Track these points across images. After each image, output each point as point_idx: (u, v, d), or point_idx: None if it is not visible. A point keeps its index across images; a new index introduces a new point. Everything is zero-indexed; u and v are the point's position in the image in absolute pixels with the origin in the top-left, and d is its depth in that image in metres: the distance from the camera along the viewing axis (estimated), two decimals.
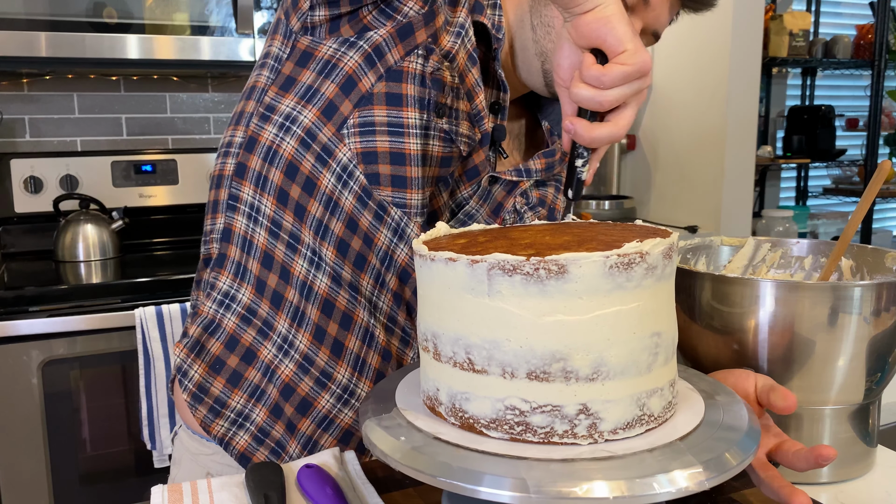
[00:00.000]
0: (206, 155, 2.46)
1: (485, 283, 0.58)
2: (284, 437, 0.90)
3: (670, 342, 0.63)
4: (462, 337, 0.60)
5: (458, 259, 0.59)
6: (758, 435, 0.63)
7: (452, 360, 0.62)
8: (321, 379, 0.87)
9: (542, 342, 0.58)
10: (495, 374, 0.59)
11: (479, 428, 0.61)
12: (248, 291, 0.87)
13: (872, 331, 0.79)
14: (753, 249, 1.01)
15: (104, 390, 1.87)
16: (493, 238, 0.68)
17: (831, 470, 0.84)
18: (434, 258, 0.61)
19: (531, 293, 0.57)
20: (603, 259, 0.57)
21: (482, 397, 0.60)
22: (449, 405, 0.63)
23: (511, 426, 0.60)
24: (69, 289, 1.85)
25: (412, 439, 0.61)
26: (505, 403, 0.59)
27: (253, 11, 2.09)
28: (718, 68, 2.54)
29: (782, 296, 0.78)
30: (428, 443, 0.60)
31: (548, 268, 0.57)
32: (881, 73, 3.16)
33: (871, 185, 0.85)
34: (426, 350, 0.65)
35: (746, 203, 2.69)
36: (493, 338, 0.59)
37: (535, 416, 0.59)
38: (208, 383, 0.90)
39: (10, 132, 2.32)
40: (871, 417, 0.86)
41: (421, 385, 0.68)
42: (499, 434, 0.60)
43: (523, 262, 0.56)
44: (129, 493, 1.91)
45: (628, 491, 0.54)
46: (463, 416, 0.62)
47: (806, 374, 0.80)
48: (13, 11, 1.89)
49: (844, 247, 0.89)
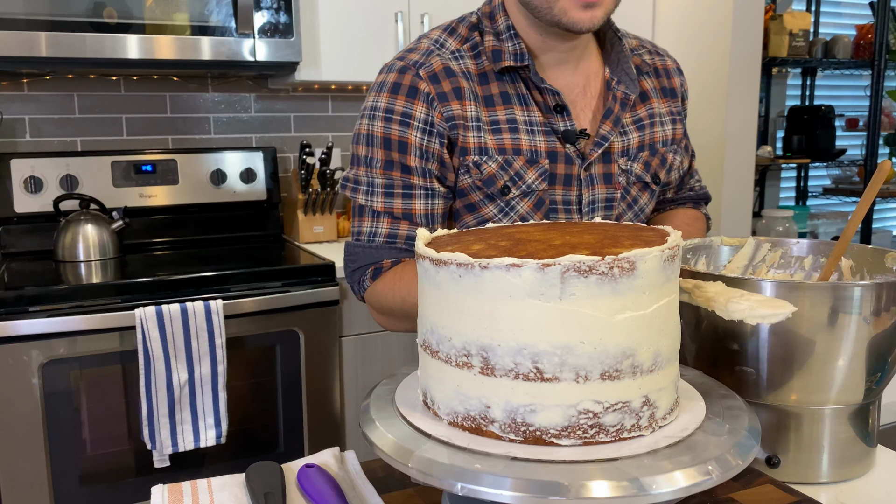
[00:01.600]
0: (206, 155, 2.46)
1: (557, 287, 0.56)
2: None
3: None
4: (527, 346, 0.58)
5: (523, 264, 0.56)
6: (758, 435, 0.64)
7: (513, 373, 0.59)
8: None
9: (614, 341, 0.58)
10: (567, 379, 0.58)
11: (549, 439, 0.59)
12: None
13: (872, 331, 0.79)
14: (753, 249, 1.01)
15: (104, 390, 1.87)
16: (489, 241, 0.68)
17: (831, 470, 0.84)
18: (487, 265, 0.57)
19: (604, 292, 0.57)
20: (660, 253, 0.59)
21: (551, 406, 0.59)
22: (506, 421, 0.60)
23: (584, 430, 0.59)
24: (69, 289, 1.85)
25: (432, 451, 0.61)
26: (578, 409, 0.59)
27: (253, 11, 2.09)
28: (718, 68, 2.54)
29: (782, 296, 0.78)
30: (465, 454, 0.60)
31: (620, 265, 0.57)
32: (881, 73, 3.16)
33: (871, 184, 0.85)
34: (464, 366, 0.61)
35: (746, 203, 2.69)
36: (566, 342, 0.58)
37: (608, 415, 0.59)
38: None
39: (10, 132, 2.32)
40: (871, 417, 0.86)
41: (447, 404, 0.63)
42: (571, 441, 0.59)
43: (598, 261, 0.56)
44: (129, 493, 1.91)
45: (628, 491, 0.54)
46: (528, 429, 0.59)
47: (806, 374, 0.80)
48: (13, 11, 1.89)
49: (844, 246, 0.89)
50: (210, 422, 1.90)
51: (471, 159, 1.03)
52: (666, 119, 1.16)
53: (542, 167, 1.04)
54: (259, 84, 2.59)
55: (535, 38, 1.05)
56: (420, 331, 0.67)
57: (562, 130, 1.04)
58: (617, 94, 1.08)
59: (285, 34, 2.16)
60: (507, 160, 1.03)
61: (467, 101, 1.02)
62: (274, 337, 2.02)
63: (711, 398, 0.70)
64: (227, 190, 2.48)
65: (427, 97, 1.02)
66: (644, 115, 1.13)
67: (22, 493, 1.80)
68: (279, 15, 2.15)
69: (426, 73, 1.02)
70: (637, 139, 1.11)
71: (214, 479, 0.81)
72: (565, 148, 1.05)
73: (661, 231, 0.69)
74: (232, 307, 1.93)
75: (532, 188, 1.04)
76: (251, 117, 2.60)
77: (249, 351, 2.01)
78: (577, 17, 0.96)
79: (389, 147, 1.03)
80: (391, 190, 1.04)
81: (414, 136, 1.02)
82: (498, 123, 1.03)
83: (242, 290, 1.97)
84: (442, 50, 1.05)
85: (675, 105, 1.18)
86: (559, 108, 1.05)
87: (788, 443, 0.84)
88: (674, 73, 1.20)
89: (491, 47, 1.04)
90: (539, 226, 0.76)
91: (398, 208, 1.05)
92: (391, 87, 1.04)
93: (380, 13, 2.32)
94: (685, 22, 2.61)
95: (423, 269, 0.64)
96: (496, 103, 1.04)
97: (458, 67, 1.03)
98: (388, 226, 1.05)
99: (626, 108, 1.09)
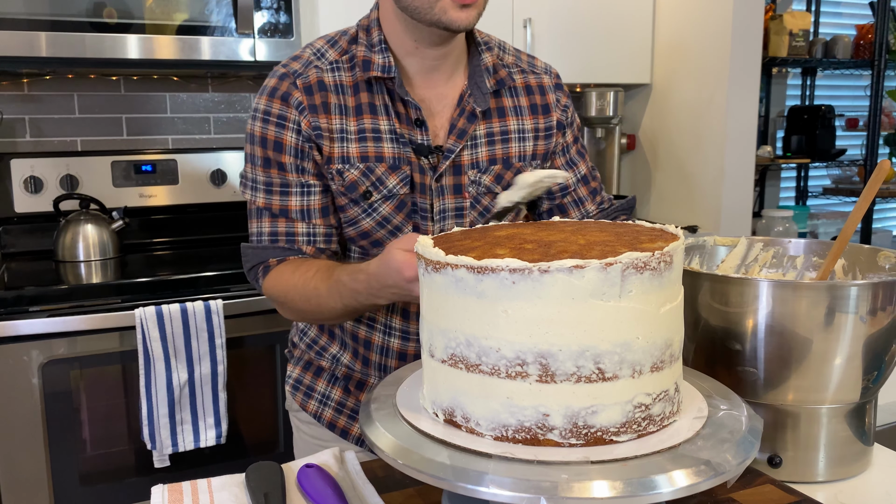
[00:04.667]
0: (206, 155, 2.46)
1: (618, 286, 0.56)
2: (357, 405, 1.23)
3: None
4: (589, 347, 0.57)
5: (586, 265, 0.56)
6: (758, 435, 0.64)
7: (576, 376, 0.58)
8: (362, 379, 1.22)
9: (660, 333, 0.60)
10: (625, 376, 0.58)
11: (609, 438, 0.59)
12: (314, 330, 1.25)
13: (869, 330, 0.79)
14: (746, 249, 1.02)
15: (104, 390, 1.88)
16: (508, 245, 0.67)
17: (829, 468, 0.84)
18: (547, 269, 0.56)
19: (654, 287, 0.58)
20: (682, 246, 0.62)
21: (611, 405, 0.59)
22: (567, 427, 0.59)
23: (638, 423, 0.60)
24: (69, 289, 1.85)
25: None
26: (633, 403, 0.59)
27: (253, 11, 2.09)
28: (718, 68, 2.54)
29: (779, 295, 0.79)
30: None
31: (665, 259, 0.59)
32: (881, 73, 3.16)
33: (870, 185, 0.85)
34: (518, 377, 0.59)
35: (746, 203, 2.69)
36: (625, 340, 0.58)
37: (656, 405, 0.61)
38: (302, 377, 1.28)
39: (10, 132, 2.32)
40: (867, 416, 0.86)
41: (492, 419, 0.61)
42: (627, 436, 0.60)
43: (650, 257, 0.57)
44: (129, 493, 1.91)
45: (627, 491, 0.54)
46: (589, 431, 0.59)
47: (803, 373, 0.81)
48: (13, 11, 1.90)
49: (843, 246, 0.90)
50: (210, 422, 1.90)
51: (334, 167, 1.11)
52: (528, 135, 1.19)
53: (405, 173, 1.12)
54: (259, 84, 2.58)
55: (408, 44, 1.11)
56: (442, 345, 0.64)
57: (415, 144, 1.12)
58: (466, 107, 1.14)
59: (285, 34, 2.16)
60: (369, 167, 1.11)
61: (333, 115, 1.10)
62: (274, 337, 2.02)
63: (712, 398, 0.70)
64: (227, 190, 2.48)
65: (298, 105, 1.10)
66: (497, 131, 1.17)
67: (22, 493, 1.80)
68: (279, 15, 2.15)
69: (302, 84, 1.10)
70: (487, 153, 1.16)
71: (214, 479, 0.81)
72: (419, 160, 1.12)
73: (657, 228, 0.69)
74: (232, 307, 1.93)
75: (393, 192, 1.12)
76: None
77: (249, 351, 2.01)
78: (455, 16, 1.04)
79: (266, 146, 1.11)
80: (270, 188, 1.12)
81: (289, 137, 1.10)
82: (364, 132, 1.11)
83: (242, 290, 1.97)
84: (321, 61, 1.12)
85: (546, 121, 1.21)
86: (419, 122, 1.12)
87: (786, 442, 0.84)
88: (548, 89, 1.23)
89: (362, 57, 1.12)
90: (531, 226, 0.76)
91: (276, 205, 1.12)
92: (270, 91, 1.12)
93: None
94: (685, 22, 2.61)
95: (453, 279, 0.60)
96: (364, 112, 1.11)
97: (331, 80, 1.11)
98: (269, 225, 1.13)
99: (475, 121, 1.14)
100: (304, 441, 1.30)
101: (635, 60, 2.76)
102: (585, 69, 2.67)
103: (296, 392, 1.28)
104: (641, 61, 2.77)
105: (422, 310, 0.68)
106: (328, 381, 1.24)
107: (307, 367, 1.27)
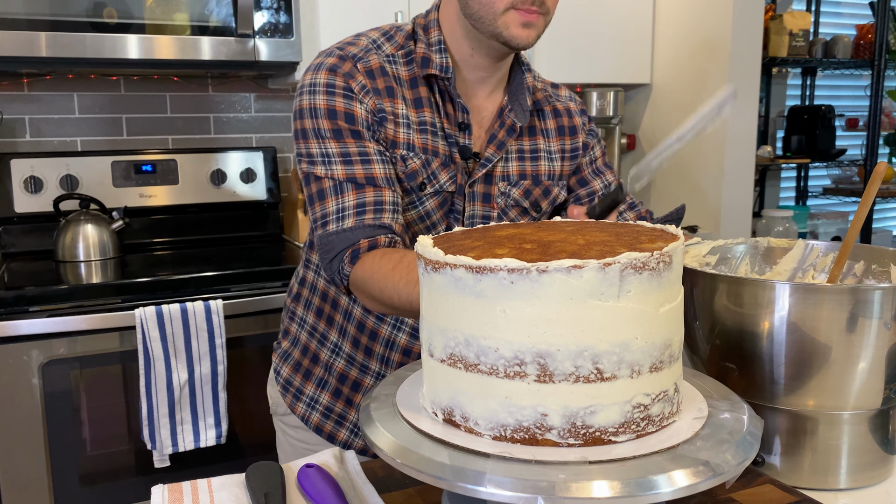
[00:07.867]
0: (206, 155, 2.46)
1: (616, 286, 0.56)
2: (345, 410, 1.23)
3: None
4: (588, 347, 0.57)
5: (585, 265, 0.56)
6: (758, 436, 0.64)
7: (574, 376, 0.58)
8: (362, 370, 1.21)
9: (660, 333, 0.60)
10: (624, 376, 0.58)
11: (608, 438, 0.59)
12: (312, 316, 1.24)
13: (893, 337, 0.77)
14: (803, 252, 0.99)
15: (104, 390, 1.88)
16: (489, 241, 0.68)
17: (849, 476, 0.83)
18: (546, 269, 0.56)
19: (653, 287, 0.58)
20: (682, 247, 0.62)
21: (610, 405, 0.59)
22: (565, 427, 0.59)
23: (637, 423, 0.60)
24: (69, 289, 1.85)
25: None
26: (632, 403, 0.59)
27: (253, 11, 2.09)
28: (718, 68, 2.54)
29: (800, 299, 0.77)
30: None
31: (664, 260, 0.59)
32: (881, 73, 3.16)
33: (868, 188, 0.85)
34: (516, 376, 0.59)
35: (746, 203, 2.69)
36: (623, 340, 0.58)
37: (655, 406, 0.61)
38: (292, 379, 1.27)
39: (10, 132, 2.32)
40: (890, 424, 0.84)
41: (490, 418, 0.61)
42: (626, 437, 0.60)
43: (649, 257, 0.57)
44: (129, 493, 1.91)
45: (627, 491, 0.54)
46: (588, 431, 0.59)
47: (823, 379, 0.79)
48: (13, 11, 1.90)
49: (848, 250, 0.89)
50: (210, 422, 1.90)
51: (399, 153, 1.07)
52: (555, 156, 1.22)
53: (453, 171, 1.12)
54: (259, 84, 2.59)
55: (465, 50, 1.11)
56: (441, 345, 0.64)
57: (460, 146, 1.12)
58: (507, 121, 1.15)
59: (285, 34, 2.16)
60: (427, 159, 1.10)
61: (398, 100, 1.08)
62: (274, 337, 2.02)
63: (712, 399, 0.70)
64: (227, 190, 2.48)
65: (362, 86, 1.06)
66: (528, 148, 1.19)
67: (22, 493, 1.80)
68: (279, 15, 2.15)
69: (363, 67, 1.07)
70: (518, 167, 1.18)
71: (214, 479, 0.81)
72: (462, 161, 1.13)
73: (657, 228, 0.69)
74: (232, 307, 1.93)
75: (443, 188, 1.12)
76: (251, 117, 2.60)
77: (249, 351, 2.01)
78: (517, 33, 1.03)
79: (335, 117, 1.04)
80: (348, 157, 1.04)
81: (359, 109, 1.05)
82: (424, 124, 1.10)
83: (242, 290, 1.97)
84: (379, 51, 1.10)
85: (573, 142, 1.24)
86: (464, 125, 1.12)
87: (805, 448, 0.82)
88: (575, 113, 1.26)
89: (421, 54, 1.11)
90: (531, 226, 0.76)
91: (359, 173, 1.03)
92: (330, 67, 1.06)
93: (380, 13, 2.32)
94: (685, 22, 2.61)
95: (452, 278, 0.60)
96: (422, 105, 1.11)
97: (391, 70, 1.10)
98: (354, 197, 1.03)
99: (513, 135, 1.16)
100: (290, 444, 1.29)
101: (635, 60, 2.76)
102: (585, 69, 2.67)
103: (286, 393, 1.27)
104: (641, 61, 2.77)
105: (421, 309, 0.68)
106: (317, 384, 1.24)
107: (297, 367, 1.26)
